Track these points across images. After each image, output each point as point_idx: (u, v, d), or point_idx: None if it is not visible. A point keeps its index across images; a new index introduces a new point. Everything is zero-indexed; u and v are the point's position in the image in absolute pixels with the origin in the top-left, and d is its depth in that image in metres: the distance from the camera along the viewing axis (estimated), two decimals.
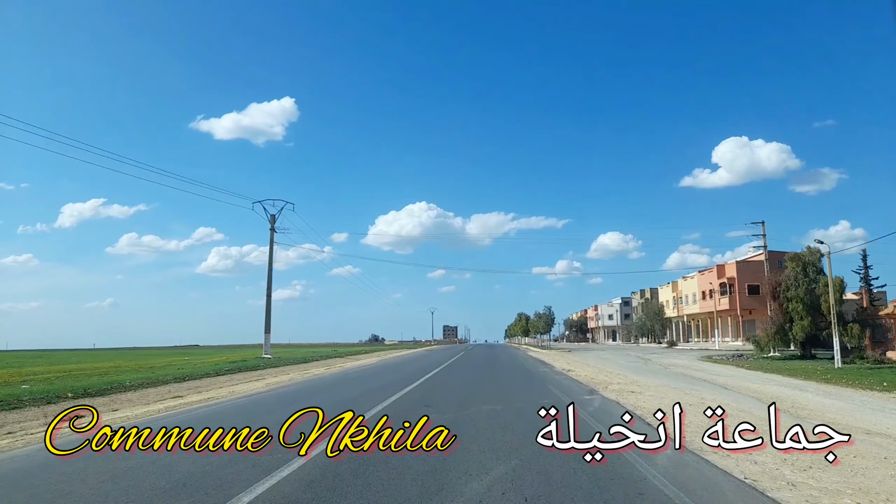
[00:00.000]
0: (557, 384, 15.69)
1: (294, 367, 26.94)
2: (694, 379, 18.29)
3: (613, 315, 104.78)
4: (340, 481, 5.07)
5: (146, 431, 5.51)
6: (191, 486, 4.98)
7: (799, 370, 22.21)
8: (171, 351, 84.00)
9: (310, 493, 4.78)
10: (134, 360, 34.35)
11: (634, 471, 5.45)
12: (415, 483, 5.02)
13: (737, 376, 19.76)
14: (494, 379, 18.27)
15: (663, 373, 21.37)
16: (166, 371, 22.33)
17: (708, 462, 5.89)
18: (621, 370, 21.79)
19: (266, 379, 19.20)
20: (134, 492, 4.90)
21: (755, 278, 51.12)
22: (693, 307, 64.02)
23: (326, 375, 21.14)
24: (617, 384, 15.14)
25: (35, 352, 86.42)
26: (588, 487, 4.89)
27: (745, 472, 5.50)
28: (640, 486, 4.98)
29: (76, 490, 5.00)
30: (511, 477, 5.27)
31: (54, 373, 21.76)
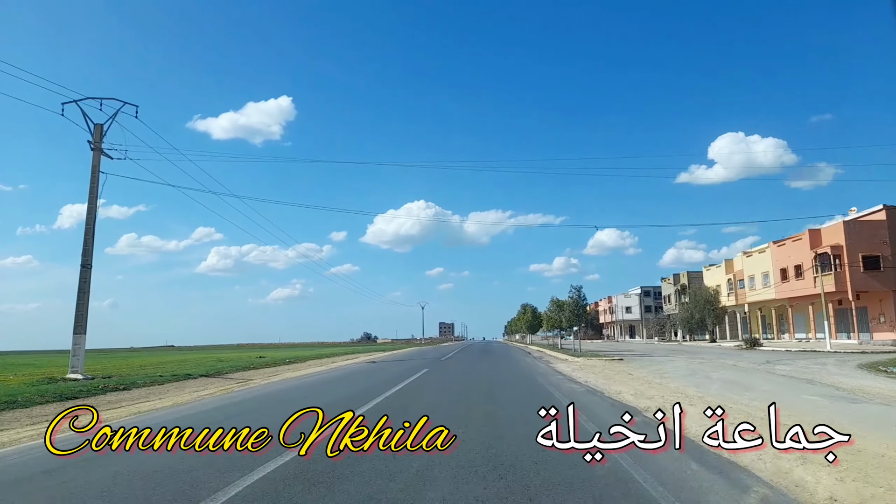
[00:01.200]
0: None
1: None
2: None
3: (632, 307, 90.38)
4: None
5: (146, 431, 5.51)
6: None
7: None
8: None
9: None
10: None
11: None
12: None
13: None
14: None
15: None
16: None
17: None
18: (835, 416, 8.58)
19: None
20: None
21: (872, 246, 36.59)
22: (763, 293, 48.08)
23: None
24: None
25: (38, 353, 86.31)
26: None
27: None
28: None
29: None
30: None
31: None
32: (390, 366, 26.20)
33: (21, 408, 11.45)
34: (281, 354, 41.67)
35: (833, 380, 15.04)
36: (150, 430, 5.56)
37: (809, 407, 9.60)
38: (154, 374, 20.07)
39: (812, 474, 5.23)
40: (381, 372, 21.69)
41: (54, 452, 5.43)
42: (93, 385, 15.60)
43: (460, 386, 15.10)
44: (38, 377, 17.90)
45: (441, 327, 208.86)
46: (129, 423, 8.07)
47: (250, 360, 31.19)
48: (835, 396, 11.44)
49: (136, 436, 5.40)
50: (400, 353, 47.55)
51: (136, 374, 20.24)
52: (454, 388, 14.64)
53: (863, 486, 4.84)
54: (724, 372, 18.19)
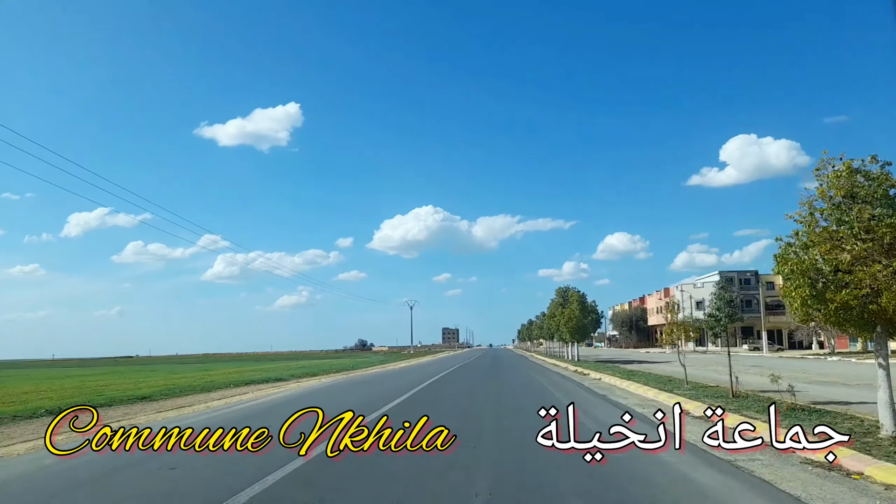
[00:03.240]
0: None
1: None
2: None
3: (704, 301, 39.14)
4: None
5: (146, 431, 5.51)
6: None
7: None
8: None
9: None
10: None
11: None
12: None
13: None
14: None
15: None
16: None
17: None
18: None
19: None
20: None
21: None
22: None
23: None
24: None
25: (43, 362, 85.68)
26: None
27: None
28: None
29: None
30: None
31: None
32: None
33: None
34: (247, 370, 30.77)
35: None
36: (149, 430, 5.56)
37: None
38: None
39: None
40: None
41: (54, 452, 5.44)
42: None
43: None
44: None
45: (445, 333, 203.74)
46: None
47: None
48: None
49: (136, 436, 5.41)
50: (358, 375, 25.92)
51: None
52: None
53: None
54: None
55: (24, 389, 19.43)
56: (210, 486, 4.95)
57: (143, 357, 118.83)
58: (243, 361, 57.82)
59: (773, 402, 5.65)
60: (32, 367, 65.28)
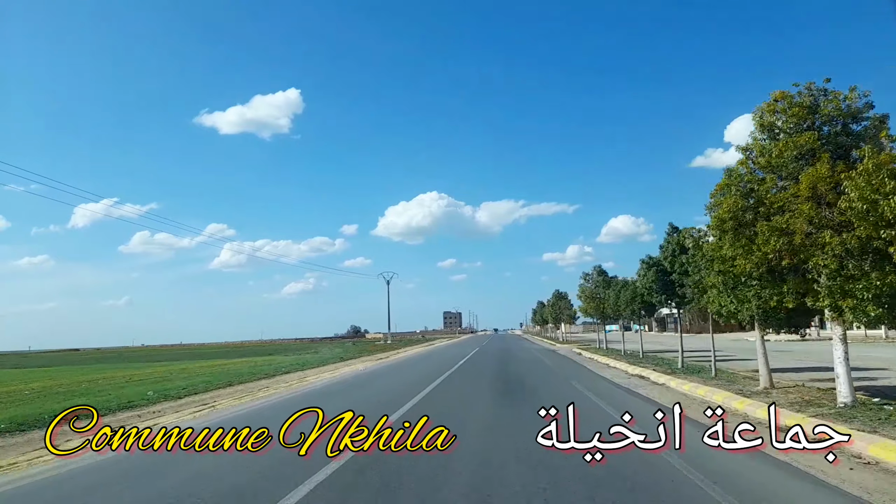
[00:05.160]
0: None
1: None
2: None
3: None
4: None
5: (146, 431, 5.51)
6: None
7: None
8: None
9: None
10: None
11: None
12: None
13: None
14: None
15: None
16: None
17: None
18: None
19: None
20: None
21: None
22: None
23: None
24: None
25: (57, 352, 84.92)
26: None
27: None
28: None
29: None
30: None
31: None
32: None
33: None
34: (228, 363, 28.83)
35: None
36: (149, 429, 5.57)
37: None
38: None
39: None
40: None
41: (55, 452, 5.44)
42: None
43: None
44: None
45: (446, 317, 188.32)
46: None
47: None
48: None
49: (136, 436, 5.41)
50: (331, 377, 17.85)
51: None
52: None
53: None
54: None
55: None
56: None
57: (135, 348, 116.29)
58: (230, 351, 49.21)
59: (773, 402, 5.62)
60: (49, 358, 64.50)
